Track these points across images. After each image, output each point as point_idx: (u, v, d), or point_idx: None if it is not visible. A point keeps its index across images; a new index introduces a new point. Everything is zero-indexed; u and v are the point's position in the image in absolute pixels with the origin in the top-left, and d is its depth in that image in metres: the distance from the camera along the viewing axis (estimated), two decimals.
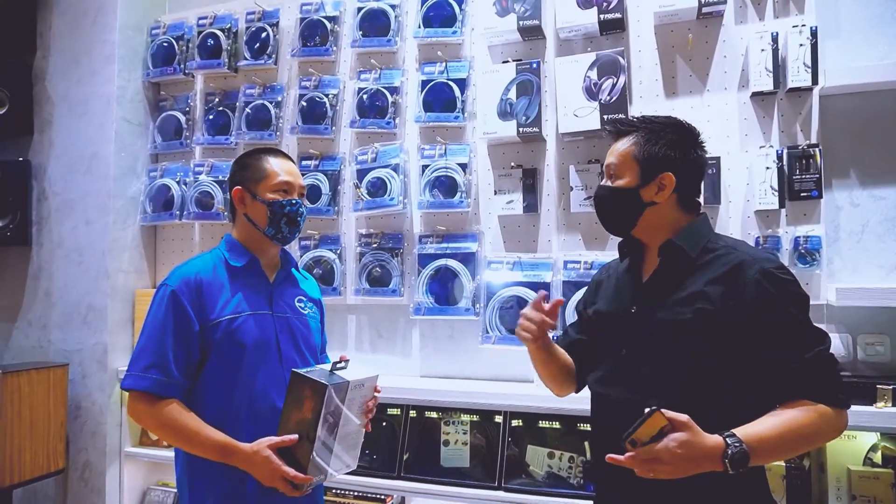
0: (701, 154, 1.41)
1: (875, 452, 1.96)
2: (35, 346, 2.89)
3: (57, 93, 2.95)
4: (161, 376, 1.51)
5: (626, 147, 1.40)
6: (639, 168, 1.38)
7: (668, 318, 1.31)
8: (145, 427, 1.99)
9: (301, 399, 1.45)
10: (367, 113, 2.61)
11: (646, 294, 1.40)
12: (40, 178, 2.94)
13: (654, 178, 1.36)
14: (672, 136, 1.39)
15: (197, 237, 2.93)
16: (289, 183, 1.68)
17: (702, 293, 1.28)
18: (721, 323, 1.25)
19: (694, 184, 1.42)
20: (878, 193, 2.10)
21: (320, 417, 1.43)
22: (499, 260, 2.39)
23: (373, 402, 1.62)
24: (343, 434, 1.51)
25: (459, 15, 2.50)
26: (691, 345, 1.27)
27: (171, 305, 1.55)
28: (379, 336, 2.62)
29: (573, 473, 2.13)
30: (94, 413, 2.74)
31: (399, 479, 2.28)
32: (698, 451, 1.14)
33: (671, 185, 1.36)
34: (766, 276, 1.24)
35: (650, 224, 1.40)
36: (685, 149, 1.38)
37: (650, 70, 2.29)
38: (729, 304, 1.25)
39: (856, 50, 2.12)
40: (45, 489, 2.80)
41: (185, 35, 2.93)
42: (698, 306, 1.28)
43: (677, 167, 1.36)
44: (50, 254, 2.90)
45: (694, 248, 1.34)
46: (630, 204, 1.39)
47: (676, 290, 1.33)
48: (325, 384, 1.43)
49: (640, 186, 1.37)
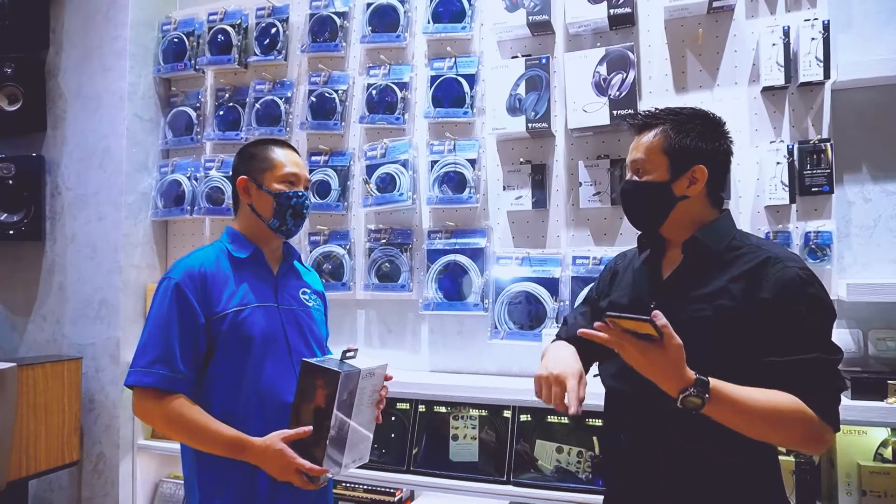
0: (729, 146, 1.38)
1: (885, 448, 1.95)
2: (49, 340, 2.93)
3: (70, 89, 2.98)
4: (167, 371, 1.47)
5: (653, 140, 1.35)
6: (668, 161, 1.33)
7: (688, 314, 1.27)
8: (152, 425, 1.91)
9: (313, 388, 1.43)
10: (377, 108, 2.61)
11: (666, 290, 1.37)
12: (54, 173, 2.97)
13: (686, 172, 1.32)
14: (701, 126, 1.34)
15: (207, 232, 2.95)
16: (295, 174, 1.66)
17: (724, 290, 1.26)
18: (740, 320, 1.23)
19: (723, 177, 1.39)
20: (890, 188, 2.08)
21: (334, 406, 1.41)
22: (507, 255, 2.39)
23: (384, 391, 1.60)
24: (355, 426, 1.49)
25: (468, 10, 2.50)
26: (710, 342, 1.24)
27: (175, 298, 1.50)
28: (388, 331, 2.63)
29: (582, 468, 2.13)
30: (108, 406, 2.78)
31: (408, 473, 2.29)
32: (681, 362, 1.12)
33: (703, 179, 1.32)
34: (788, 275, 1.21)
35: (679, 219, 1.35)
36: (715, 140, 1.34)
37: (660, 65, 2.28)
38: (749, 301, 1.23)
39: (868, 44, 2.10)
40: (60, 480, 2.84)
41: (196, 31, 2.95)
42: (719, 303, 1.25)
43: (709, 159, 1.32)
44: (63, 249, 2.93)
45: (718, 244, 1.32)
46: (661, 199, 1.34)
47: (698, 287, 1.30)
48: (337, 371, 1.40)
49: (671, 181, 1.33)
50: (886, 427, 1.94)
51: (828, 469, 2.02)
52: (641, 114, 1.41)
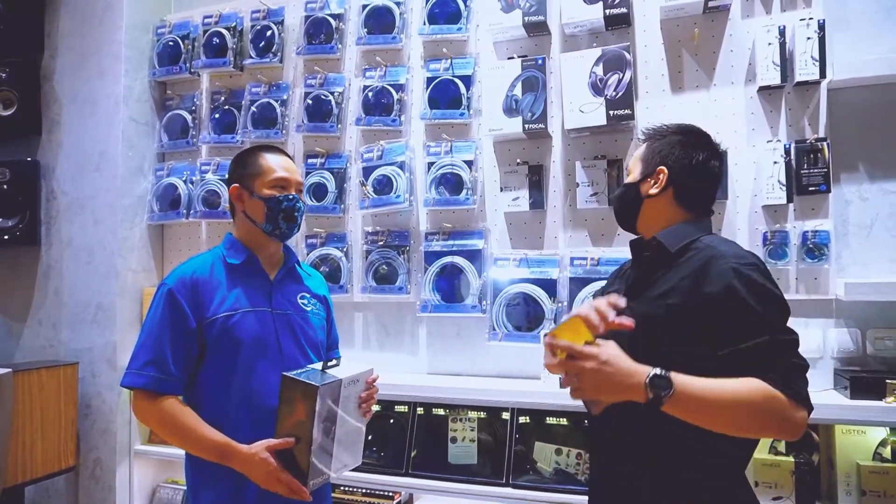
0: (705, 157, 1.43)
1: (885, 447, 1.95)
2: (45, 346, 2.92)
3: (65, 93, 2.97)
4: (158, 373, 1.52)
5: (640, 150, 1.51)
6: (641, 165, 1.48)
7: (642, 313, 1.29)
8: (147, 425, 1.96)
9: (293, 402, 1.43)
10: (373, 110, 2.61)
11: (631, 290, 1.43)
12: (49, 177, 2.96)
13: (652, 173, 1.44)
14: (675, 137, 1.46)
15: (204, 236, 2.94)
16: (285, 179, 1.68)
17: (673, 289, 1.31)
18: (687, 317, 1.26)
19: (692, 183, 1.43)
20: (887, 187, 2.08)
21: (314, 419, 1.40)
22: (505, 257, 2.39)
23: (369, 395, 1.59)
24: (341, 434, 1.48)
25: (464, 11, 2.49)
26: (662, 341, 1.27)
27: (167, 304, 1.56)
28: (386, 334, 2.62)
29: (581, 470, 2.13)
30: (104, 411, 2.76)
31: (407, 476, 2.29)
32: (625, 367, 1.15)
33: (664, 179, 1.42)
34: (732, 270, 1.24)
35: (649, 218, 1.46)
36: (686, 149, 1.43)
37: (656, 65, 2.28)
38: (694, 297, 1.26)
39: (864, 43, 2.10)
40: (57, 486, 2.82)
41: (191, 34, 2.94)
42: (669, 301, 1.30)
43: (671, 162, 1.42)
44: (59, 253, 2.92)
45: (674, 244, 1.36)
46: (631, 197, 1.48)
47: (653, 287, 1.36)
48: (315, 385, 1.39)
49: (640, 181, 1.46)
50: (885, 426, 1.94)
51: (827, 469, 2.02)
52: (644, 129, 1.56)
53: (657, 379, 1.14)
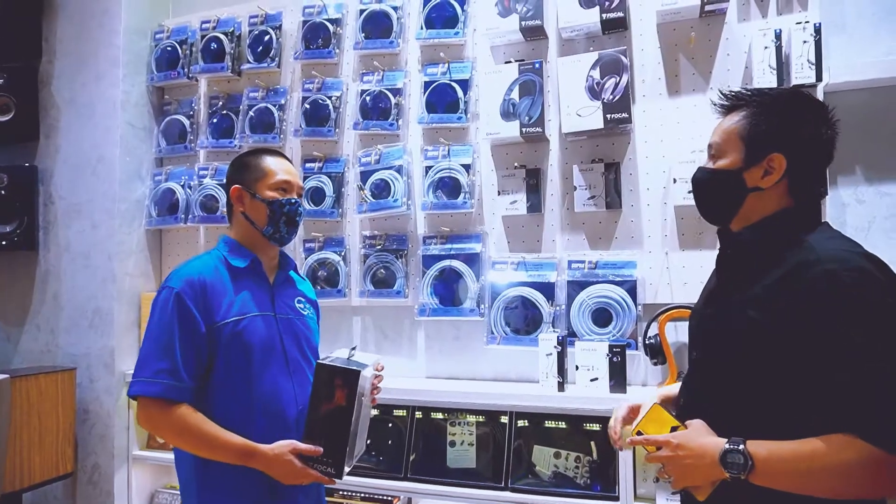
0: (825, 132, 1.18)
1: None
2: (43, 350, 2.91)
3: (63, 97, 2.97)
4: (172, 381, 1.46)
5: (732, 124, 1.22)
6: (744, 147, 1.19)
7: (722, 325, 1.16)
8: (159, 435, 1.91)
9: (331, 389, 1.46)
10: (371, 115, 2.61)
11: (717, 295, 1.26)
12: (47, 182, 2.96)
13: (761, 160, 1.17)
14: (787, 110, 1.18)
15: (202, 240, 2.94)
16: (288, 182, 1.67)
17: (757, 299, 1.11)
18: (773, 336, 1.07)
19: (811, 168, 1.20)
20: (884, 190, 2.09)
21: (354, 404, 1.45)
22: (503, 260, 2.39)
23: (378, 380, 1.67)
24: (362, 420, 1.55)
25: (461, 16, 2.50)
26: (740, 358, 1.11)
27: (176, 308, 1.49)
28: (384, 337, 2.62)
29: (580, 473, 2.12)
30: (102, 416, 2.76)
31: (405, 480, 2.28)
32: (696, 447, 1.06)
33: (780, 169, 1.16)
34: (827, 280, 1.03)
35: (752, 213, 1.20)
36: (802, 126, 1.17)
37: (653, 69, 2.28)
38: (782, 314, 1.06)
39: (860, 46, 2.11)
40: (55, 492, 2.81)
41: (189, 39, 2.95)
42: (751, 314, 1.10)
43: (790, 147, 1.16)
44: (57, 258, 2.92)
45: (765, 242, 1.17)
46: (731, 188, 1.20)
47: (737, 293, 1.17)
48: (357, 371, 1.45)
49: (743, 169, 1.19)
50: None
51: None
52: (725, 94, 1.27)
53: (730, 455, 1.02)
